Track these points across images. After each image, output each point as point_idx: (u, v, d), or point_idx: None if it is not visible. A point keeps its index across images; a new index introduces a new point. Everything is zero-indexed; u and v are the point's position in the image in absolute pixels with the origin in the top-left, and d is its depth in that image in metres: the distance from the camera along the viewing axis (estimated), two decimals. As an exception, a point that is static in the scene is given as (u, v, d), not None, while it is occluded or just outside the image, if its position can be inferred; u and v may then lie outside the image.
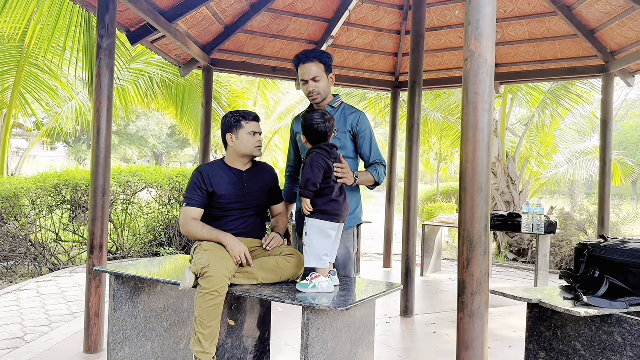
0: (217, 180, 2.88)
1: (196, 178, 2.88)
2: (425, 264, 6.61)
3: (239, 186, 2.92)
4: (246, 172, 2.98)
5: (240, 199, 2.91)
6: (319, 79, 2.89)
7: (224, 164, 2.99)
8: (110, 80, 3.64)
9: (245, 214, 2.94)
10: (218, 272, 2.52)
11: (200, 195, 2.86)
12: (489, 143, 2.17)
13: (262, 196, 3.01)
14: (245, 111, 2.99)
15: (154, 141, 29.99)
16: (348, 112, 2.99)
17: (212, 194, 2.87)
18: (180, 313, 3.35)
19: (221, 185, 2.88)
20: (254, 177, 2.99)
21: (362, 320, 2.68)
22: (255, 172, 3.03)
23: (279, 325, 4.21)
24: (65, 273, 6.32)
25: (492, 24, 2.17)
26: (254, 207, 2.98)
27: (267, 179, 3.06)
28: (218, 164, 3.00)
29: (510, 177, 9.21)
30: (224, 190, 2.88)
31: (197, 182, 2.87)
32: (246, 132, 2.92)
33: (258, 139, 2.95)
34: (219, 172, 2.92)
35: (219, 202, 2.88)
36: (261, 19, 5.95)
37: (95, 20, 3.86)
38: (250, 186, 2.95)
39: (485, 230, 2.18)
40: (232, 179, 2.92)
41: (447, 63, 6.80)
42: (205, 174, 2.88)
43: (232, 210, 2.91)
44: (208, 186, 2.86)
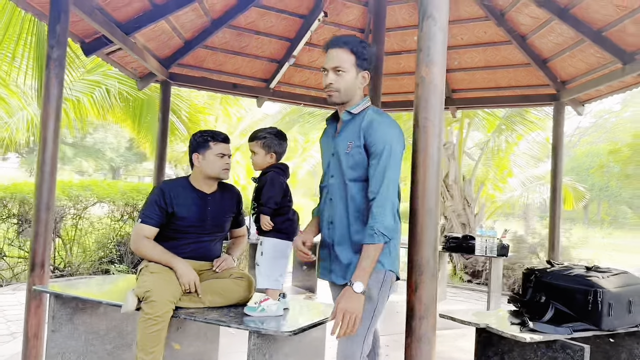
0: (179, 201, 2.75)
1: (157, 195, 2.75)
2: (382, 284, 6.61)
3: (202, 210, 2.80)
4: (211, 195, 2.86)
5: (200, 223, 2.80)
6: (342, 70, 2.28)
7: (189, 183, 2.85)
8: (59, 91, 3.52)
9: (202, 239, 2.84)
10: (162, 296, 2.43)
11: (158, 214, 2.73)
12: (438, 167, 2.18)
13: (224, 222, 2.92)
14: (215, 131, 2.88)
15: (111, 154, 29.28)
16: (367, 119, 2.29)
17: (171, 214, 2.74)
18: (125, 336, 3.22)
19: (182, 207, 2.75)
20: (218, 202, 2.87)
21: (312, 344, 2.64)
22: (220, 196, 2.91)
23: (229, 348, 4.09)
24: (7, 290, 6.01)
25: (443, 51, 2.20)
26: (214, 233, 2.89)
27: (232, 205, 2.96)
28: (182, 182, 2.86)
29: (467, 199, 9.38)
30: (185, 212, 2.75)
31: (156, 200, 2.73)
32: (214, 154, 2.80)
33: (226, 161, 2.84)
34: (182, 192, 2.79)
35: (177, 223, 2.76)
36: (222, 35, 5.90)
37: (47, 29, 3.74)
38: (214, 211, 2.84)
39: (434, 254, 2.18)
40: (195, 201, 2.79)
41: (406, 86, 6.91)
42: (167, 193, 2.75)
43: (189, 233, 2.79)
44: (168, 206, 2.73)
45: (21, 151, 26.16)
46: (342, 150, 2.26)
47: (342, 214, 2.28)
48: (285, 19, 5.96)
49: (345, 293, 2.09)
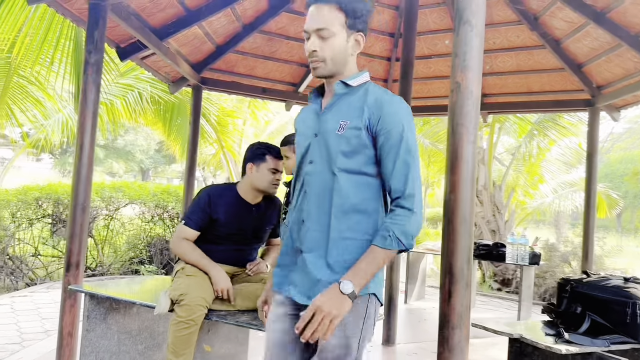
0: (224, 209, 2.77)
1: (203, 200, 2.76)
2: (409, 291, 6.56)
3: (244, 220, 2.81)
4: (255, 206, 2.87)
5: (241, 233, 2.82)
6: (329, 33, 1.79)
7: (236, 192, 2.86)
8: (96, 96, 3.60)
9: (240, 247, 2.87)
10: (195, 301, 2.45)
11: (201, 218, 2.75)
12: (473, 175, 2.15)
13: (264, 234, 2.94)
14: (272, 146, 2.89)
15: (141, 156, 29.82)
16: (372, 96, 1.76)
17: (214, 220, 2.76)
18: (156, 336, 3.26)
19: (226, 215, 2.77)
20: (261, 214, 2.88)
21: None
22: (265, 209, 2.91)
23: (258, 351, 4.11)
24: (41, 288, 6.17)
25: (479, 56, 2.18)
26: (253, 243, 2.92)
27: (273, 216, 2.97)
28: (229, 190, 2.87)
29: (496, 205, 9.24)
30: (227, 221, 2.77)
31: (202, 205, 2.75)
32: (267, 168, 2.81)
33: (277, 177, 2.84)
34: (227, 200, 2.80)
35: (218, 229, 2.78)
36: (253, 40, 5.96)
37: (85, 35, 3.83)
38: (255, 222, 2.86)
39: (468, 262, 2.15)
40: (238, 210, 2.80)
41: (436, 91, 6.85)
42: (214, 199, 2.76)
43: (228, 240, 2.82)
44: (213, 212, 2.74)
45: (55, 152, 26.87)
46: (330, 131, 1.73)
47: (319, 211, 1.72)
48: (316, 23, 5.98)
49: (329, 290, 1.60)
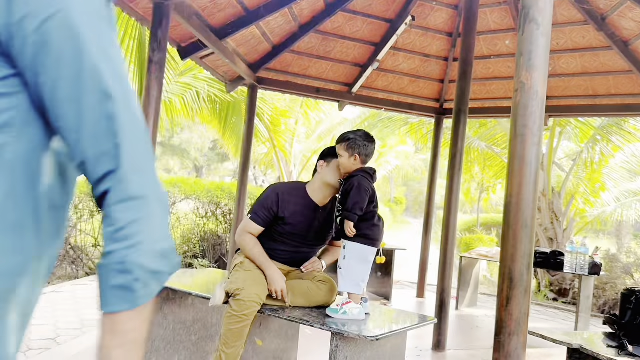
0: (290, 207, 2.76)
1: (270, 197, 2.77)
2: (461, 297, 6.41)
3: (309, 221, 2.80)
4: (322, 208, 2.84)
5: (305, 234, 2.81)
6: None
7: (304, 191, 2.85)
8: (159, 93, 3.72)
9: (302, 249, 2.87)
10: (250, 296, 2.49)
11: (266, 215, 2.75)
12: (536, 177, 2.08)
13: (328, 236, 2.91)
14: None
15: (195, 154, 30.62)
16: None
17: (280, 218, 2.76)
18: (209, 328, 3.33)
19: (293, 214, 2.76)
20: (327, 216, 2.85)
21: (392, 351, 2.60)
22: (330, 211, 2.86)
23: (305, 349, 4.13)
24: (101, 278, 6.43)
25: (545, 56, 2.11)
26: (315, 245, 2.90)
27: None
28: (298, 189, 2.86)
29: (555, 213, 8.91)
30: (293, 220, 2.76)
31: (268, 202, 2.75)
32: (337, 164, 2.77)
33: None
34: (295, 199, 2.79)
35: (283, 227, 2.78)
36: (308, 40, 6.01)
37: (148, 34, 3.98)
38: (320, 224, 2.84)
39: (528, 268, 2.09)
40: (305, 211, 2.79)
41: (494, 92, 6.68)
42: (282, 197, 2.76)
43: (291, 240, 2.82)
44: (280, 210, 2.74)
45: (116, 148, 27.96)
46: None
47: None
48: (372, 23, 5.97)
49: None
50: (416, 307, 6.47)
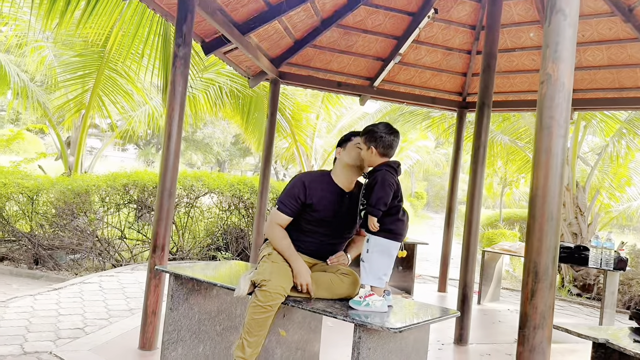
0: (317, 193, 2.79)
1: (296, 186, 2.80)
2: (483, 292, 6.38)
3: (337, 206, 2.82)
4: (348, 193, 2.86)
5: (333, 219, 2.83)
6: None
7: (330, 178, 2.88)
8: (184, 88, 3.77)
9: (329, 240, 2.89)
10: (275, 288, 2.53)
11: (294, 205, 2.78)
12: (562, 170, 2.07)
13: (354, 224, 2.91)
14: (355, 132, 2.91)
15: (218, 148, 30.89)
16: None
17: (308, 205, 2.78)
18: (233, 318, 3.39)
19: (320, 200, 2.78)
20: (354, 201, 2.84)
21: (414, 344, 2.61)
22: (356, 196, 2.84)
23: (328, 340, 4.17)
24: (126, 269, 6.57)
25: (572, 47, 2.08)
26: (343, 234, 2.91)
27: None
28: (323, 175, 2.89)
29: (579, 207, 8.77)
30: (321, 206, 2.79)
31: (295, 191, 2.78)
32: (353, 144, 2.82)
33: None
34: (321, 185, 2.82)
35: (311, 214, 2.80)
36: (330, 35, 6.01)
37: (173, 30, 4.03)
38: (348, 209, 2.85)
39: (553, 261, 2.08)
40: (332, 196, 2.82)
41: (518, 85, 6.60)
42: (308, 184, 2.79)
43: (320, 227, 2.84)
44: (307, 198, 2.77)
45: (139, 143, 28.42)
46: None
47: None
48: (394, 16, 5.94)
49: None
50: (438, 301, 6.46)
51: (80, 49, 8.72)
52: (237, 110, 10.24)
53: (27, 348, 3.47)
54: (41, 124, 11.86)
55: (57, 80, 9.17)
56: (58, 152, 10.29)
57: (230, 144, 31.81)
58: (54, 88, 9.70)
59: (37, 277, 6.67)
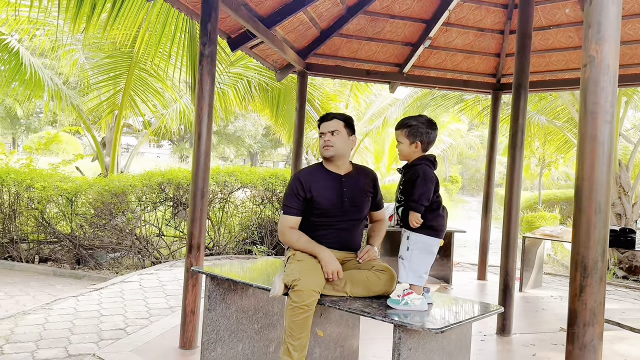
0: (315, 185, 2.82)
1: (294, 185, 2.84)
2: (525, 278, 6.21)
3: (337, 190, 2.85)
4: (345, 176, 2.90)
5: (338, 203, 2.83)
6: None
7: (323, 167, 2.93)
8: (211, 86, 3.75)
9: (342, 226, 2.87)
10: (308, 286, 2.49)
11: (297, 203, 2.82)
12: (609, 158, 1.95)
13: (361, 203, 2.90)
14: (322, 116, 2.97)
15: (249, 141, 31.14)
16: None
17: (309, 199, 2.81)
18: (271, 316, 3.38)
19: (319, 190, 2.82)
20: (353, 182, 2.89)
21: (457, 341, 2.54)
22: (356, 176, 2.93)
23: (366, 334, 4.12)
24: (165, 267, 6.67)
25: (617, 26, 1.95)
26: (353, 214, 2.88)
27: (367, 184, 2.94)
28: (316, 167, 2.95)
29: (623, 187, 8.44)
30: (322, 194, 2.81)
31: (294, 189, 2.83)
32: (319, 135, 2.91)
33: (325, 139, 2.86)
34: (317, 177, 2.87)
35: (316, 207, 2.82)
36: (357, 22, 5.89)
37: (198, 27, 4.01)
38: (349, 190, 2.86)
39: (602, 255, 1.96)
40: (329, 183, 2.86)
41: (554, 64, 6.34)
42: (304, 180, 2.83)
43: (329, 217, 2.84)
44: (306, 192, 2.81)
45: (173, 139, 28.88)
46: None
47: None
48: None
49: None
50: (478, 289, 6.32)
51: (109, 51, 8.85)
52: (267, 103, 10.24)
53: (71, 350, 3.55)
54: (77, 126, 12.15)
55: (89, 83, 9.35)
56: (94, 153, 10.52)
57: (261, 135, 32.01)
58: (87, 90, 9.90)
59: (80, 276, 6.84)
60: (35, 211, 7.33)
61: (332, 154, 2.84)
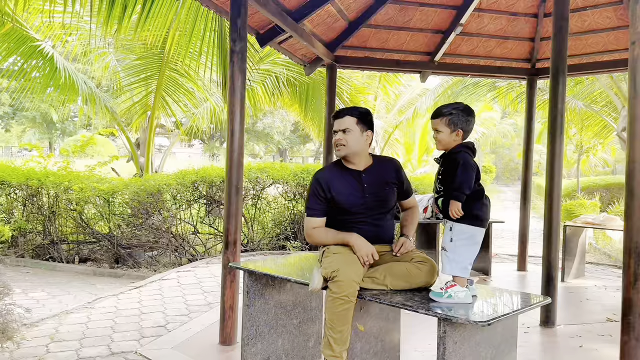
0: (335, 184, 2.77)
1: (314, 187, 2.80)
2: (567, 268, 6.04)
3: (358, 186, 2.77)
4: (365, 170, 2.81)
5: (361, 200, 2.76)
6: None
7: (341, 164, 2.86)
8: (243, 83, 3.74)
9: (369, 218, 2.79)
10: (347, 276, 2.46)
11: (320, 204, 2.78)
12: (664, 139, 1.85)
13: (385, 195, 2.82)
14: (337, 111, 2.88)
15: (278, 137, 31.26)
16: None
17: (331, 199, 2.77)
18: (309, 311, 3.36)
19: (339, 190, 2.76)
20: (374, 175, 2.81)
21: (503, 334, 2.46)
22: (376, 169, 2.83)
23: (406, 328, 4.06)
24: (202, 264, 6.74)
25: (669, -2, 1.84)
26: (378, 208, 2.81)
27: (389, 175, 2.84)
28: (334, 166, 2.88)
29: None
30: (342, 195, 2.76)
31: (315, 191, 2.79)
32: (332, 132, 2.83)
33: (337, 137, 2.78)
34: (336, 175, 2.81)
35: (339, 206, 2.77)
36: (385, 12, 5.81)
37: (227, 25, 4.01)
38: (370, 185, 2.78)
39: (659, 241, 1.87)
40: (349, 180, 2.79)
41: (592, 46, 6.12)
42: (323, 181, 2.78)
43: (354, 214, 2.78)
44: (326, 192, 2.76)
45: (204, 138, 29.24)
46: None
47: None
48: (452, -14, 5.65)
49: None
50: (518, 281, 6.18)
51: (140, 52, 8.98)
52: (295, 98, 10.24)
53: (114, 348, 3.61)
54: (111, 128, 12.41)
55: (121, 85, 9.51)
56: (129, 153, 10.72)
57: (289, 132, 32.11)
58: (119, 92, 10.07)
59: (119, 275, 6.98)
60: (74, 212, 7.50)
61: (344, 154, 2.78)
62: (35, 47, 7.77)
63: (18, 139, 33.75)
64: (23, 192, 7.66)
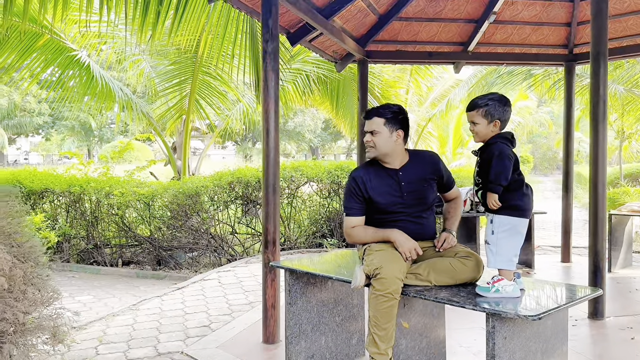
0: (372, 184, 2.74)
1: (350, 185, 2.78)
2: (613, 258, 5.85)
3: (395, 185, 2.74)
4: (401, 169, 2.77)
5: (399, 199, 2.73)
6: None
7: (378, 163, 2.82)
8: (276, 83, 3.75)
9: (409, 216, 2.76)
10: (390, 273, 2.43)
11: (357, 203, 2.77)
12: None
13: (424, 192, 2.77)
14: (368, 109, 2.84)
15: (310, 135, 31.33)
16: None
17: (368, 199, 2.74)
18: (351, 308, 3.35)
19: (376, 190, 2.73)
20: (411, 172, 2.76)
21: (553, 327, 2.40)
22: (412, 166, 2.78)
23: (450, 324, 4.00)
24: (241, 263, 6.81)
25: None
26: (418, 206, 2.77)
27: (426, 170, 2.79)
28: (371, 163, 2.85)
29: None
30: (379, 194, 2.73)
31: (352, 190, 2.77)
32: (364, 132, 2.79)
33: (367, 139, 2.75)
34: (372, 174, 2.78)
35: (377, 205, 2.74)
36: (416, 4, 5.73)
37: (258, 26, 4.03)
38: (408, 183, 2.74)
39: None
40: (386, 180, 2.75)
41: (633, 28, 5.90)
42: (360, 180, 2.76)
43: (393, 213, 2.75)
44: (364, 192, 2.74)
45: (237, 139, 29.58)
46: None
47: None
48: (483, -26, 5.53)
49: None
50: (563, 273, 6.02)
51: (174, 57, 9.13)
52: (326, 96, 10.22)
53: (160, 349, 3.68)
54: (147, 133, 12.68)
55: (156, 90, 9.69)
56: (166, 157, 10.93)
57: (320, 129, 32.14)
58: (155, 98, 10.27)
59: (161, 277, 7.12)
60: (116, 217, 7.69)
61: (373, 155, 2.76)
62: (72, 57, 7.98)
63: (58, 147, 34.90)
64: (66, 199, 7.89)
